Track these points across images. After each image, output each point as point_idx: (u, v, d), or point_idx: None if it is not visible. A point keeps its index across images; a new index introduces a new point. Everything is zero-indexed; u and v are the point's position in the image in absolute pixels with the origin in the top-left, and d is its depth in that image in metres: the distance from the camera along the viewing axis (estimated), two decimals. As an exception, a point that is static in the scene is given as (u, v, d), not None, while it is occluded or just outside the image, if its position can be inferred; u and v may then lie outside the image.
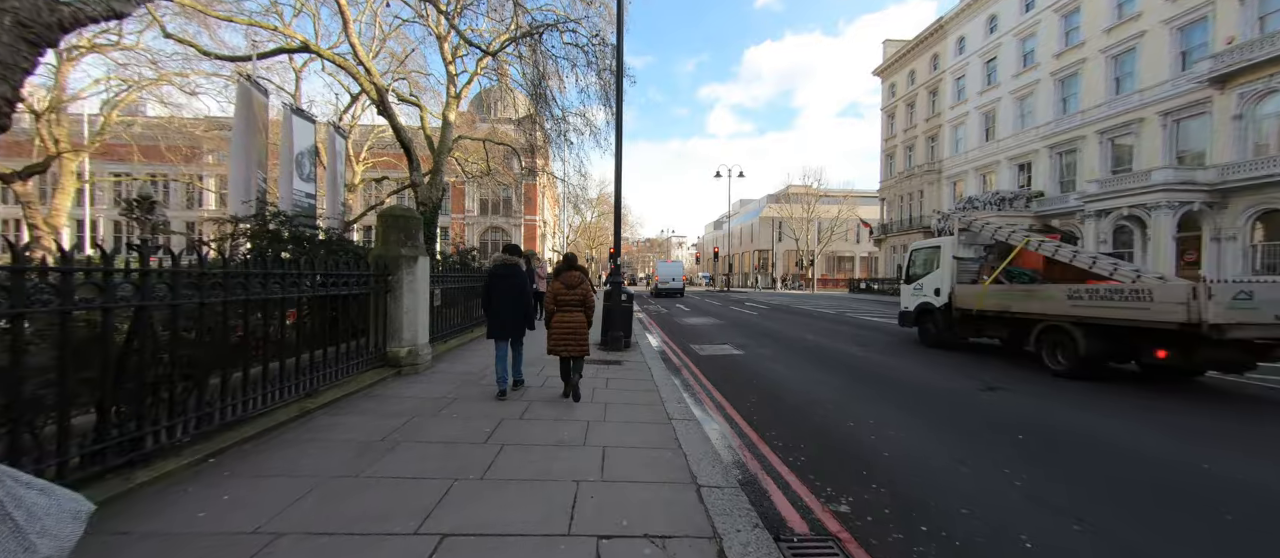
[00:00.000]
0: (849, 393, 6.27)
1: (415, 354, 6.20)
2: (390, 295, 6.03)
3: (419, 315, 6.24)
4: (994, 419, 5.10)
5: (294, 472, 3.31)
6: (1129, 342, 6.76)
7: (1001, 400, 5.84)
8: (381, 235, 6.15)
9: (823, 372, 7.68)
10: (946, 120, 35.19)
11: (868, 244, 68.53)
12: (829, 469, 3.81)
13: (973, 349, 9.37)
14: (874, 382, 6.94)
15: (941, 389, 6.50)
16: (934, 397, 6.08)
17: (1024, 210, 27.01)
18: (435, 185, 18.19)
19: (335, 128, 17.97)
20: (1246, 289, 5.92)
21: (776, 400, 5.93)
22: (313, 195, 15.47)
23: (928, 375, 7.38)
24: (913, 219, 37.78)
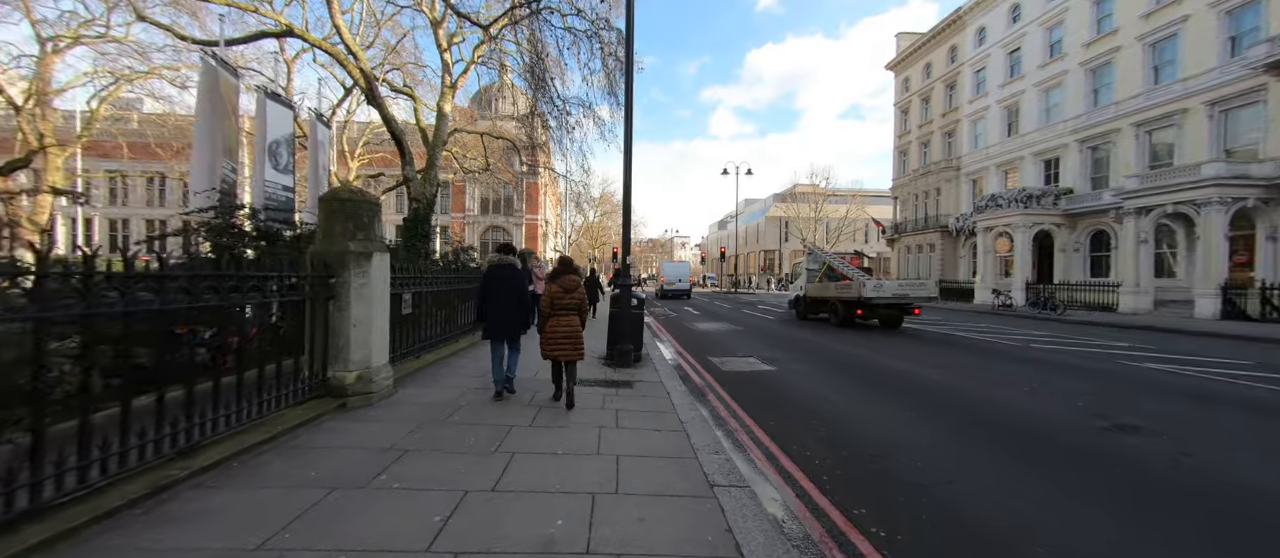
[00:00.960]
0: (933, 431, 4.84)
1: (368, 379, 4.77)
2: (333, 303, 4.61)
3: (374, 329, 4.81)
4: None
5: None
6: (853, 309, 13.92)
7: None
8: (323, 224, 4.72)
9: (881, 397, 6.24)
10: (965, 115, 33.65)
11: (875, 244, 67.02)
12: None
13: (822, 320, 15.95)
14: (953, 412, 5.52)
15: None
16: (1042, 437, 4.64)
17: (1052, 208, 25.52)
18: (429, 180, 16.85)
19: (317, 115, 16.55)
20: (880, 283, 14.00)
21: (841, 444, 4.48)
22: (290, 188, 14.07)
23: (1030, 407, 5.96)
24: (928, 218, 36.25)
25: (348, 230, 4.70)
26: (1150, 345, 10.88)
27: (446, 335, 8.13)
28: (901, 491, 3.51)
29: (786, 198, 64.95)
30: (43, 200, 19.96)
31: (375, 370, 4.86)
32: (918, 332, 13.42)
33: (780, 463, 4.01)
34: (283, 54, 24.11)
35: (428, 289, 7.32)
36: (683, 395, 5.82)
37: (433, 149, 17.38)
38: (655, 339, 11.08)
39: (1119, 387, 6.83)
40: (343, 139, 28.81)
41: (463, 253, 15.36)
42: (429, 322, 7.55)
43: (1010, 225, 26.36)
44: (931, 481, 3.66)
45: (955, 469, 3.88)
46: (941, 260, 34.61)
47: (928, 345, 10.77)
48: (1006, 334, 12.96)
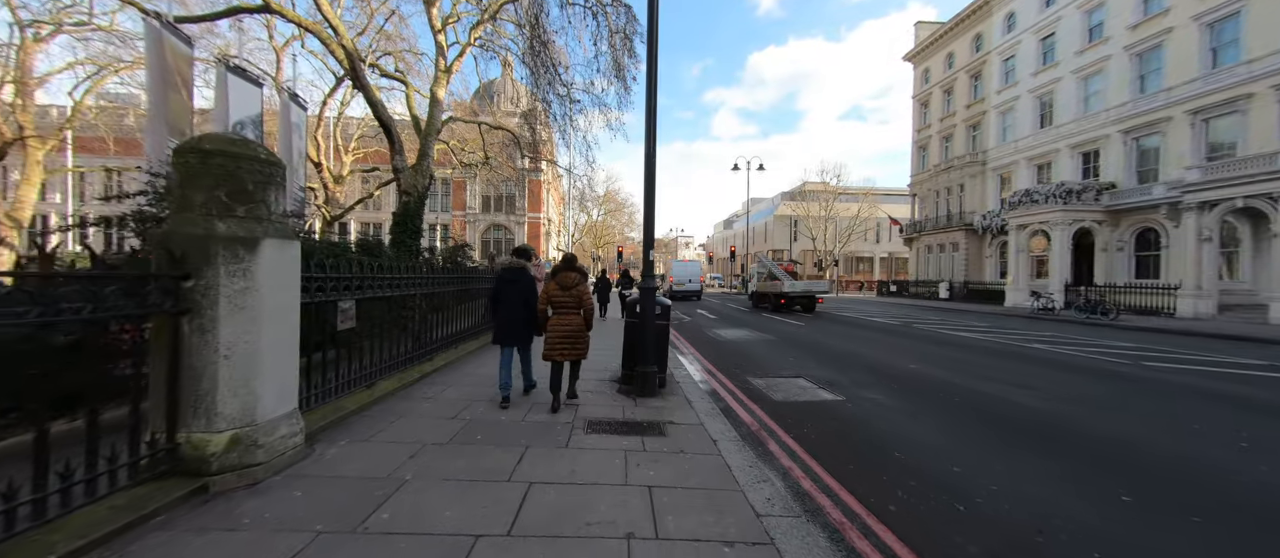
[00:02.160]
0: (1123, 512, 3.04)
1: (250, 442, 2.96)
2: (189, 321, 2.82)
3: (262, 360, 3.01)
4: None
5: None
6: (779, 299, 20.62)
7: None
8: (177, 193, 2.93)
9: (1014, 448, 4.41)
10: (992, 106, 31.70)
11: (888, 244, 65.00)
12: None
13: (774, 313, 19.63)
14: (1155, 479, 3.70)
15: None
16: None
17: (1093, 204, 23.58)
18: (422, 172, 15.11)
19: (292, 95, 14.76)
20: (794, 282, 21.35)
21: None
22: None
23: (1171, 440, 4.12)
24: (951, 216, 34.30)
25: (216, 203, 2.89)
26: (1263, 360, 9.02)
27: (421, 350, 6.32)
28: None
29: (795, 196, 63.01)
30: (24, 196, 18.56)
31: (264, 427, 3.05)
32: (971, 342, 11.56)
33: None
34: (272, 41, 22.51)
35: (392, 293, 5.51)
36: (737, 450, 4.00)
37: (425, 138, 15.68)
38: (675, 351, 9.27)
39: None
40: (336, 132, 27.17)
41: (459, 251, 13.88)
42: (395, 336, 5.75)
43: (1047, 222, 24.42)
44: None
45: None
46: (966, 260, 32.66)
47: (1005, 360, 8.92)
48: (1083, 347, 11.08)
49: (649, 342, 5.82)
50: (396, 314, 6.19)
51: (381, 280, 5.26)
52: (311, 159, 25.07)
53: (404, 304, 6.29)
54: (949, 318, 18.94)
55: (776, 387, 6.69)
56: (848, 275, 56.65)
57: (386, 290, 5.41)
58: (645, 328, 5.82)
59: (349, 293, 4.56)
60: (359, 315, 4.86)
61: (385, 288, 5.36)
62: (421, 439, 3.93)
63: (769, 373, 7.67)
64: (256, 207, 3.06)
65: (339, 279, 4.41)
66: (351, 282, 4.63)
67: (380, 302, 5.43)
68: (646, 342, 5.81)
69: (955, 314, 21.21)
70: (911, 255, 41.25)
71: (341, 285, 4.47)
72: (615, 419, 4.75)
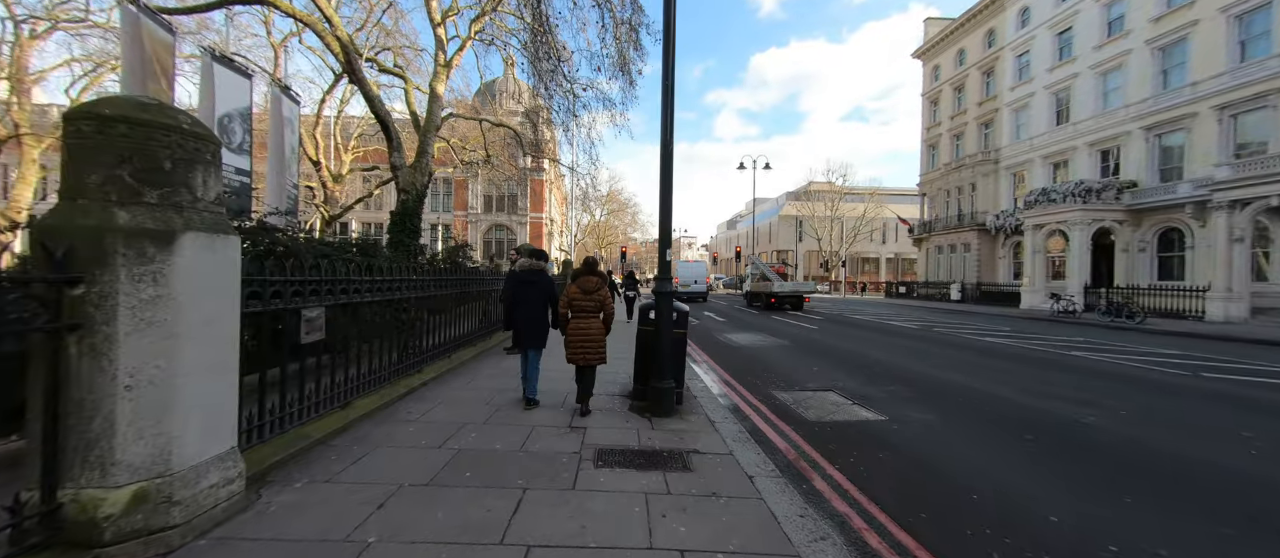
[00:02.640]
0: None
1: (164, 497, 2.26)
2: (80, 341, 2.13)
3: (182, 388, 2.31)
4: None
5: None
6: (769, 298, 22.72)
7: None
8: (65, 174, 2.24)
9: (1130, 490, 3.68)
10: (1005, 103, 30.92)
11: (894, 244, 64.16)
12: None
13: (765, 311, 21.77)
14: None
15: None
16: None
17: (1114, 203, 22.79)
18: (420, 169, 14.46)
19: (283, 88, 14.09)
20: (784, 283, 23.76)
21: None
22: (246, 172, 11.67)
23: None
24: (962, 215, 33.51)
25: (118, 186, 2.19)
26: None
27: (410, 361, 5.62)
28: None
29: (800, 196, 62.29)
30: (19, 195, 18.09)
31: (184, 476, 2.34)
32: (1002, 348, 10.82)
33: None
34: (269, 38, 21.93)
35: (375, 298, 4.81)
36: (780, 491, 3.29)
37: (424, 135, 15.07)
38: (688, 359, 8.56)
39: None
40: (336, 131, 26.59)
41: (459, 251, 13.31)
42: (379, 346, 5.05)
43: (1065, 222, 23.64)
44: None
45: None
46: (978, 261, 31.86)
47: (1050, 370, 8.19)
48: (1125, 354, 10.33)
49: (665, 354, 5.11)
50: (381, 321, 5.50)
51: (361, 284, 4.56)
52: (310, 157, 24.44)
53: (391, 309, 5.60)
54: (967, 321, 18.18)
55: (806, 403, 5.97)
56: (853, 276, 55.83)
57: (368, 295, 4.70)
58: (661, 338, 5.10)
59: (316, 299, 3.86)
60: (334, 323, 4.17)
61: (366, 292, 4.66)
62: (398, 478, 3.22)
63: (794, 385, 6.95)
64: (174, 191, 2.35)
65: (303, 283, 3.70)
66: (321, 285, 3.93)
67: (360, 307, 4.73)
68: (663, 354, 5.09)
69: (971, 317, 20.45)
70: (920, 256, 40.45)
71: (308, 290, 3.76)
72: (630, 448, 4.03)
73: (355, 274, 4.49)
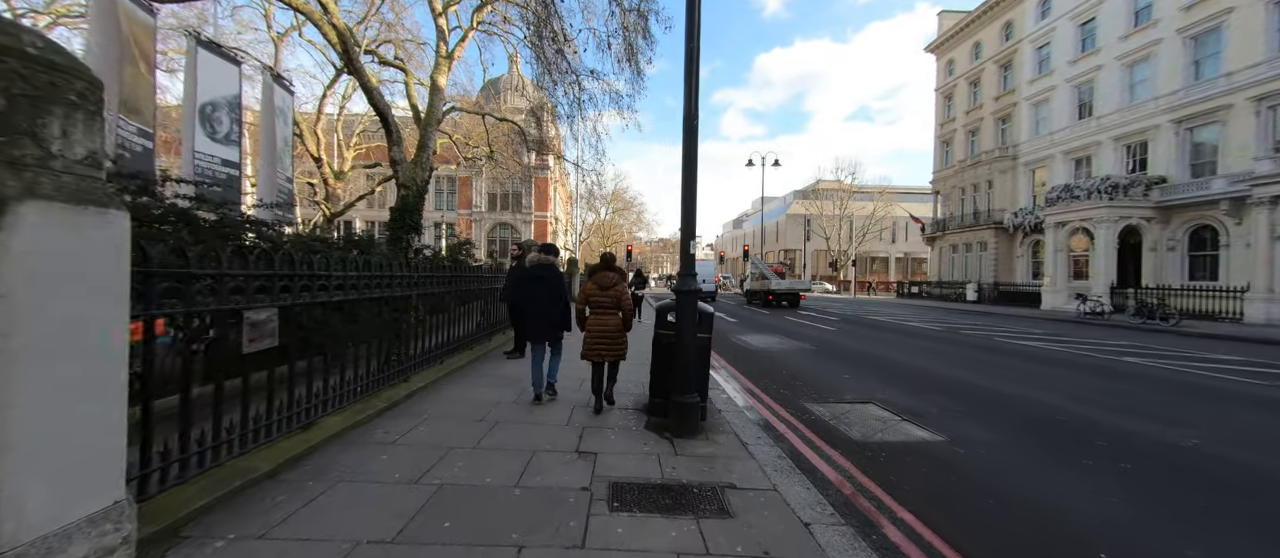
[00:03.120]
0: None
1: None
2: None
3: (25, 427, 1.59)
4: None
5: None
6: (767, 296, 24.34)
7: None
8: None
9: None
10: (1024, 97, 29.93)
11: (904, 243, 63.07)
12: None
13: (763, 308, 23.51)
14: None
15: None
16: None
17: (1142, 200, 21.83)
18: (421, 165, 13.76)
19: (275, 77, 13.40)
20: (781, 281, 24.92)
21: None
22: (234, 164, 10.98)
23: None
24: (979, 213, 32.51)
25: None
26: None
27: (393, 370, 4.89)
28: None
29: (808, 194, 61.33)
30: None
31: (32, 549, 1.62)
32: (1044, 353, 10.00)
33: None
34: (269, 31, 21.35)
35: (350, 296, 4.10)
36: (849, 543, 2.55)
37: (425, 128, 14.39)
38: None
39: None
40: (338, 127, 26.06)
41: (462, 249, 12.68)
42: (355, 352, 4.33)
43: (1090, 220, 22.70)
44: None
45: None
46: (995, 260, 30.89)
47: (1109, 379, 7.38)
48: (1181, 360, 9.48)
49: (688, 363, 4.36)
50: (363, 323, 4.79)
51: (329, 281, 3.83)
52: (311, 154, 23.85)
53: (373, 310, 4.88)
54: (994, 323, 17.31)
55: (846, 418, 5.20)
56: (861, 276, 54.82)
57: (339, 294, 3.98)
58: (683, 345, 4.35)
59: (266, 297, 3.13)
60: (296, 327, 3.46)
61: (337, 290, 3.94)
62: (354, 532, 2.48)
63: (827, 395, 6.18)
64: (16, 142, 1.63)
65: (247, 278, 2.97)
66: (273, 282, 3.20)
67: (331, 308, 4.01)
68: (685, 363, 4.34)
69: (994, 318, 19.58)
70: (933, 255, 39.47)
71: (255, 287, 3.04)
72: (651, 482, 3.28)
73: (321, 269, 3.75)
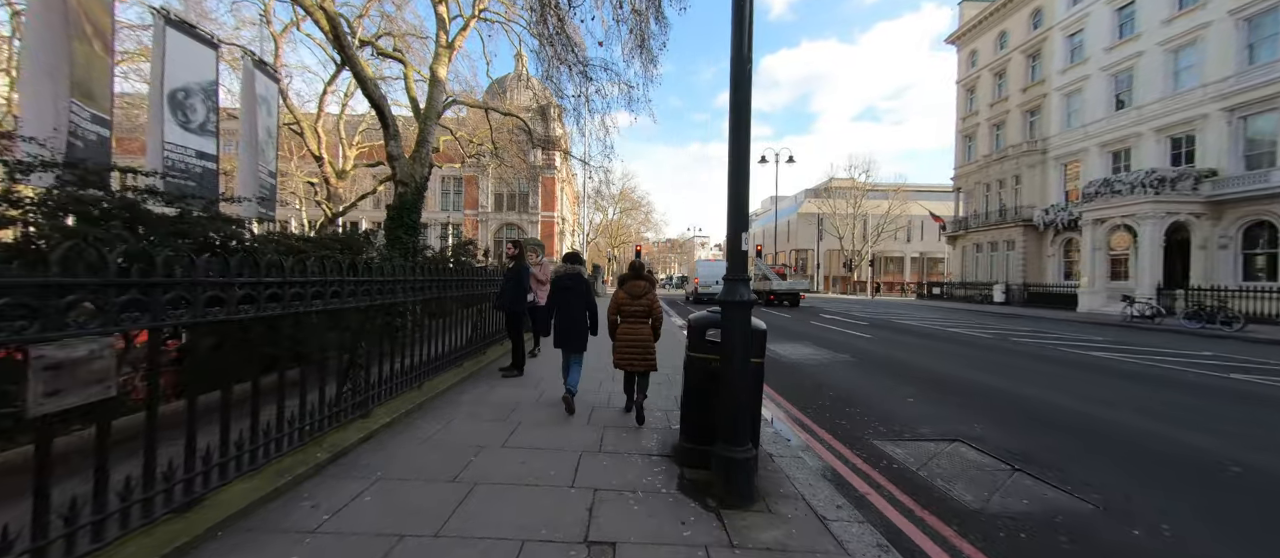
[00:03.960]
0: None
1: None
2: None
3: None
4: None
5: None
6: (768, 296, 25.73)
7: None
8: None
9: None
10: (1054, 88, 28.39)
11: (920, 242, 61.35)
12: None
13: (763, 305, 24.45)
14: None
15: None
16: None
17: (1191, 194, 20.30)
18: (420, 160, 12.77)
19: (258, 62, 12.25)
20: (781, 281, 27.16)
21: None
22: (210, 156, 9.85)
23: None
24: (1005, 211, 30.98)
25: None
26: None
27: (346, 405, 3.71)
28: None
29: (820, 193, 59.82)
30: None
31: None
32: (1126, 366, 8.66)
33: None
34: (268, 26, 20.41)
35: (290, 310, 2.93)
36: None
37: (425, 121, 13.39)
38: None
39: None
40: (340, 126, 25.26)
41: (464, 249, 11.73)
42: (296, 384, 3.16)
43: (1133, 216, 21.19)
44: None
45: None
46: (1024, 260, 29.36)
47: (1250, 407, 6.09)
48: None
49: (739, 402, 3.14)
50: (303, 344, 3.62)
51: (242, 289, 2.65)
52: (313, 153, 22.97)
53: (319, 327, 3.72)
54: (1039, 328, 15.90)
55: (938, 467, 3.95)
56: (876, 276, 53.22)
57: (269, 306, 2.81)
58: (733, 378, 3.13)
59: (99, 323, 1.94)
60: (202, 356, 2.29)
61: (252, 303, 2.76)
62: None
63: (897, 427, 4.93)
64: None
65: (47, 288, 1.79)
66: (109, 291, 2.01)
67: (244, 328, 2.83)
68: (736, 404, 3.12)
69: (1033, 322, 18.15)
70: (954, 255, 37.93)
71: (54, 303, 1.85)
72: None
73: (217, 274, 2.57)
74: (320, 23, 11.74)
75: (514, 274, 6.40)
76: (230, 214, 5.95)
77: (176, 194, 5.60)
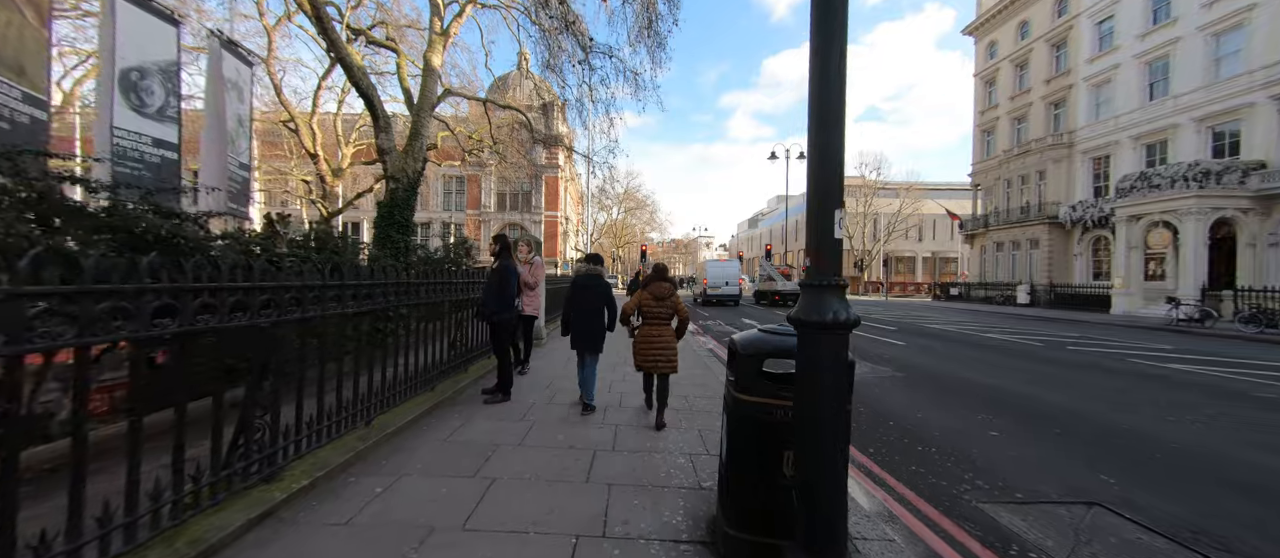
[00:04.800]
0: None
1: None
2: None
3: None
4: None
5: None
6: (773, 296, 26.13)
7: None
8: None
9: None
10: (1082, 78, 26.99)
11: (931, 242, 59.82)
12: None
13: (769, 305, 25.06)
14: None
15: None
16: None
17: (1238, 188, 18.89)
18: (413, 154, 11.71)
19: (226, 42, 11.04)
20: (786, 282, 26.38)
21: None
22: (170, 144, 8.71)
23: None
24: (1027, 208, 29.57)
25: None
26: None
27: (237, 468, 2.54)
28: None
29: (830, 191, 58.27)
30: None
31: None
32: (1228, 384, 7.40)
33: None
34: (262, 19, 19.42)
35: (145, 333, 1.75)
36: None
37: (418, 113, 12.34)
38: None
39: None
40: (336, 123, 24.32)
41: (461, 247, 11.13)
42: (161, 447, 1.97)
43: (1174, 212, 19.80)
44: None
45: None
46: (1049, 259, 27.94)
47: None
48: None
49: (830, 477, 1.93)
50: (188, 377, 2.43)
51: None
52: (308, 150, 22.01)
53: (198, 356, 2.53)
54: (1087, 333, 14.55)
55: (1089, 553, 2.73)
56: (888, 277, 51.80)
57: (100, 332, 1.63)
58: (822, 437, 1.93)
59: None
60: None
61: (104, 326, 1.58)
62: None
63: (999, 481, 3.69)
64: None
65: None
66: None
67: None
68: (822, 477, 1.92)
69: (1069, 325, 16.81)
70: (972, 254, 36.49)
71: None
72: None
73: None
74: (303, 5, 10.63)
75: (498, 275, 5.21)
76: (178, 209, 4.78)
77: (115, 184, 4.46)
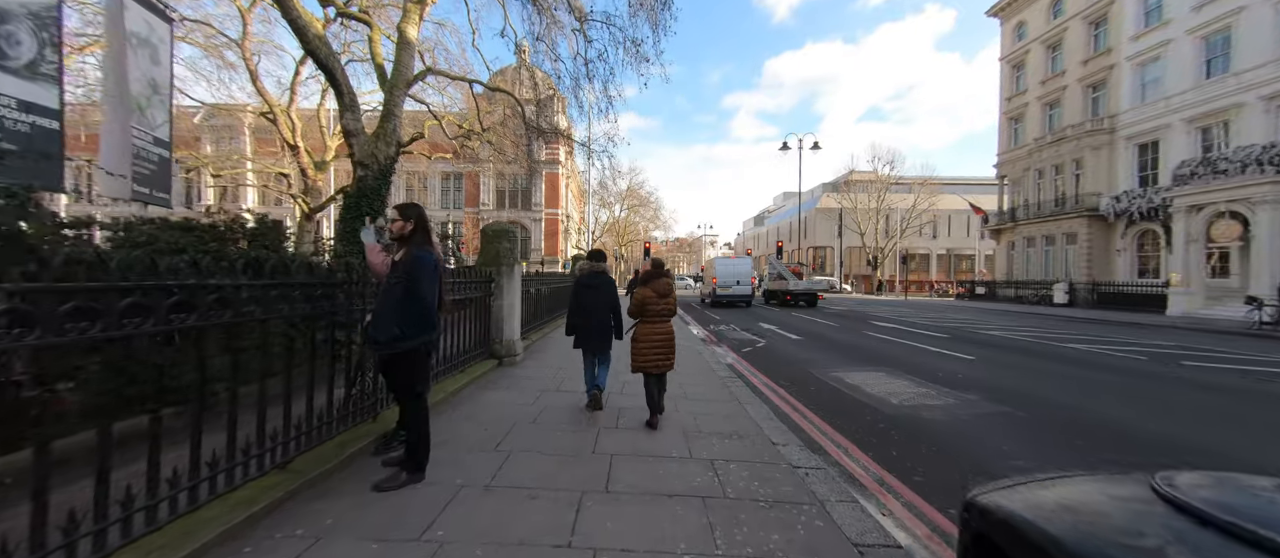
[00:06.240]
0: None
1: None
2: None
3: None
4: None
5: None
6: (784, 296, 24.98)
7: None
8: None
9: None
10: (1125, 58, 24.73)
11: (947, 239, 57.48)
12: None
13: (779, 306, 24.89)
14: None
15: None
16: None
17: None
18: (384, 137, 9.85)
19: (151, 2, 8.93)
20: (798, 281, 25.94)
21: None
22: (46, 110, 6.60)
23: None
24: (1062, 199, 27.34)
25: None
26: None
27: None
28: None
29: (840, 187, 56.16)
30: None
31: None
32: None
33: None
34: (235, 2, 17.50)
35: None
36: None
37: (391, 90, 10.58)
38: (813, 450, 3.36)
39: None
40: (320, 114, 22.55)
41: (448, 241, 8.59)
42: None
43: (1244, 200, 17.59)
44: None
45: None
46: (1088, 255, 25.69)
47: None
48: None
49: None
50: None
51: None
52: (287, 141, 20.13)
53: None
54: (1174, 341, 12.35)
55: None
56: (902, 275, 49.47)
57: None
58: None
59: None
60: None
61: None
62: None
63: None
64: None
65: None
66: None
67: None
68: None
69: (1135, 330, 14.64)
70: (998, 250, 34.24)
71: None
72: None
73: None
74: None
75: (403, 272, 3.05)
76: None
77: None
